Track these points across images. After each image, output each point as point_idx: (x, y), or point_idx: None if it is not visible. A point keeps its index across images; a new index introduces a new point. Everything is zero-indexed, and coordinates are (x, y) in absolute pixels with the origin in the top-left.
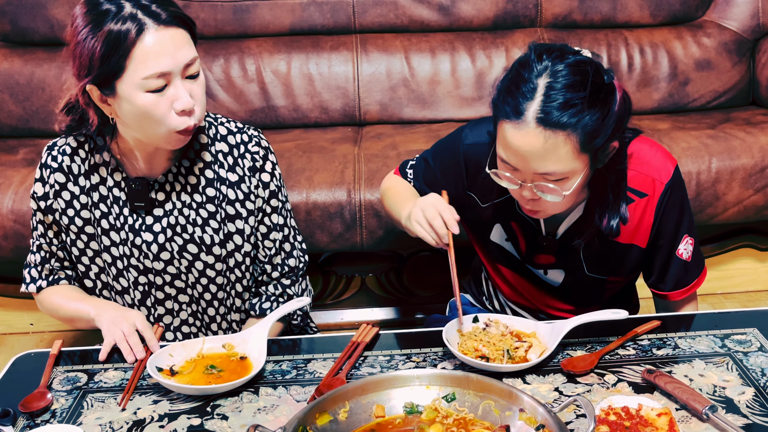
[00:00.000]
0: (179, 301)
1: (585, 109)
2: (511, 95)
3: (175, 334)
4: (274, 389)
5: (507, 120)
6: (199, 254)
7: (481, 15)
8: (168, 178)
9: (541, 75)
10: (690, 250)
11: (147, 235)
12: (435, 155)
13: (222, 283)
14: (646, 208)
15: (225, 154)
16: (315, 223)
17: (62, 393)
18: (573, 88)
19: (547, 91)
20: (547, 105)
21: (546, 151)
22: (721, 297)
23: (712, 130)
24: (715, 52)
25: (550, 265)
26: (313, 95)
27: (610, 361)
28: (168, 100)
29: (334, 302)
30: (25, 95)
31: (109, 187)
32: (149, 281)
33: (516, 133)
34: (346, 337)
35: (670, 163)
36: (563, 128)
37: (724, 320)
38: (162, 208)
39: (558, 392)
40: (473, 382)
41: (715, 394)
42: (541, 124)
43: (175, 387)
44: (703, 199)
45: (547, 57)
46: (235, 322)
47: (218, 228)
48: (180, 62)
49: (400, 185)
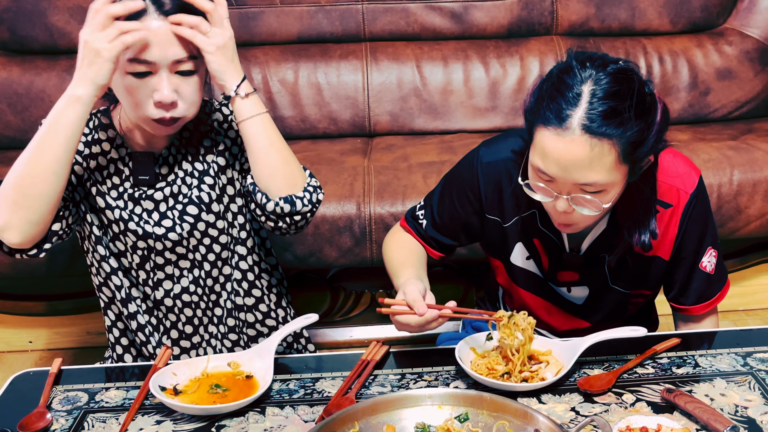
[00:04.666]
0: (180, 267)
1: (631, 118)
2: (554, 101)
3: (175, 301)
4: (281, 409)
5: (548, 127)
6: (200, 214)
7: (495, 22)
8: (171, 151)
9: (585, 82)
10: (713, 263)
11: (147, 203)
12: (448, 184)
13: (226, 242)
14: (671, 219)
15: (220, 122)
16: (323, 238)
17: (62, 413)
18: (618, 97)
19: (591, 99)
20: (592, 112)
21: (590, 161)
22: (742, 314)
23: (734, 141)
24: (737, 61)
25: (573, 282)
26: (321, 105)
27: (628, 379)
28: (149, 88)
29: (343, 319)
30: (23, 106)
31: (111, 159)
32: (148, 246)
33: (558, 140)
34: (356, 355)
35: (694, 172)
36: (609, 137)
37: (746, 338)
38: (165, 180)
39: (575, 412)
40: (487, 402)
41: (736, 414)
42: (586, 131)
43: (179, 407)
44: (724, 212)
45: (591, 65)
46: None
47: (213, 184)
48: (169, 57)
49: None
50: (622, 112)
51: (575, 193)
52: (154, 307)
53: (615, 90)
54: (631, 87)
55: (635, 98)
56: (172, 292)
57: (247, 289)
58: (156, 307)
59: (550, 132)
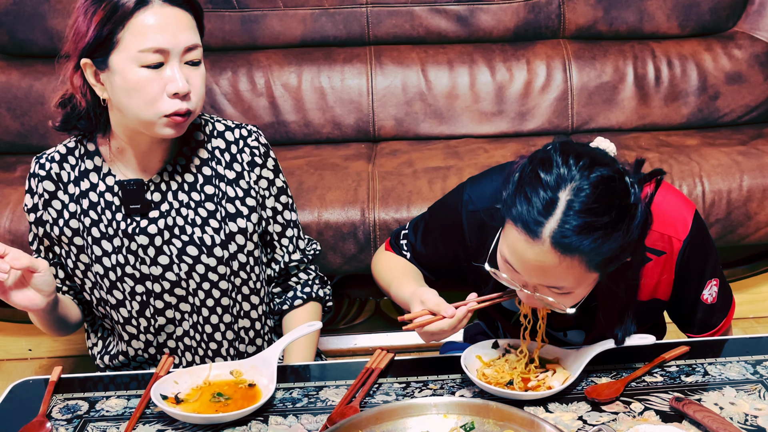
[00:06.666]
0: (181, 310)
1: (608, 235)
2: (528, 201)
3: (177, 343)
4: (284, 418)
5: (518, 227)
6: (200, 256)
7: (501, 26)
8: (163, 177)
9: (563, 187)
10: (715, 293)
11: (142, 238)
12: (432, 222)
13: (227, 289)
14: (666, 265)
15: (222, 150)
16: (327, 244)
17: (62, 422)
18: (596, 213)
19: (567, 210)
20: (566, 227)
21: (558, 272)
22: (752, 321)
23: (744, 147)
24: (747, 65)
25: (568, 327)
26: (325, 110)
27: (636, 388)
28: (162, 81)
29: (347, 327)
30: (23, 110)
31: (101, 192)
32: (147, 290)
33: (527, 248)
34: (360, 363)
35: (687, 212)
36: (581, 253)
37: (756, 345)
38: (158, 209)
39: (582, 421)
40: (493, 411)
41: (746, 423)
42: (557, 247)
43: (181, 416)
44: (734, 218)
45: (575, 164)
46: (243, 330)
47: (219, 228)
48: (180, 43)
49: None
50: (598, 228)
51: (541, 291)
52: (156, 352)
53: (594, 206)
54: (612, 202)
55: (615, 214)
56: (174, 334)
57: (252, 337)
58: (159, 351)
59: (521, 236)
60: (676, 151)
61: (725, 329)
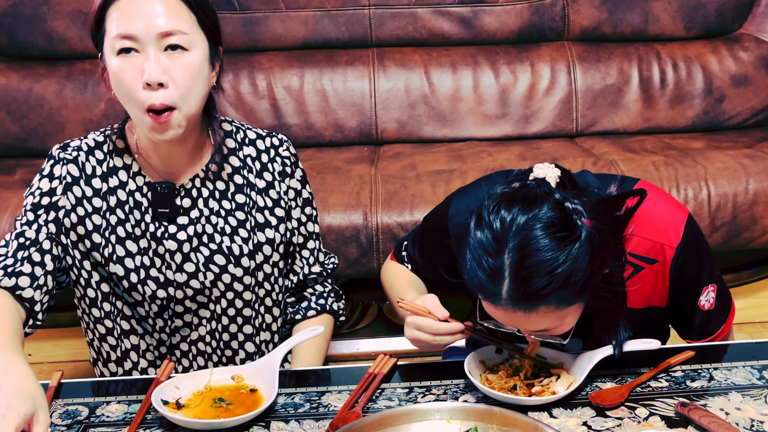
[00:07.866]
0: (200, 316)
1: (564, 273)
2: (476, 270)
3: (190, 347)
4: (286, 423)
5: (480, 296)
6: (227, 266)
7: (505, 28)
8: (195, 183)
9: (504, 249)
10: (712, 299)
11: (170, 243)
12: (425, 233)
13: (250, 300)
14: (659, 273)
15: (253, 158)
16: (329, 248)
17: (62, 427)
18: (543, 262)
19: (514, 271)
20: (518, 291)
21: (534, 320)
22: (758, 326)
23: (750, 150)
24: (753, 67)
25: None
26: (327, 113)
27: (641, 393)
28: (137, 70)
29: (350, 331)
30: (22, 113)
31: (130, 191)
32: (169, 295)
33: (496, 310)
34: (363, 368)
35: (679, 218)
36: (546, 302)
37: (762, 350)
38: (187, 215)
39: (586, 426)
40: (497, 416)
41: (752, 428)
42: (520, 306)
43: (182, 421)
44: (739, 222)
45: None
46: (264, 343)
47: (248, 238)
48: (152, 30)
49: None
50: (551, 272)
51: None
52: (167, 352)
53: (540, 256)
54: (556, 241)
55: (565, 250)
56: (189, 338)
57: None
58: (170, 352)
59: (485, 300)
60: (682, 154)
61: (724, 335)
